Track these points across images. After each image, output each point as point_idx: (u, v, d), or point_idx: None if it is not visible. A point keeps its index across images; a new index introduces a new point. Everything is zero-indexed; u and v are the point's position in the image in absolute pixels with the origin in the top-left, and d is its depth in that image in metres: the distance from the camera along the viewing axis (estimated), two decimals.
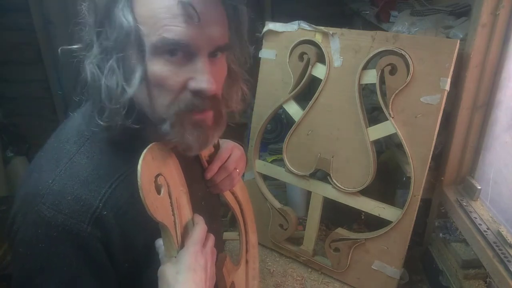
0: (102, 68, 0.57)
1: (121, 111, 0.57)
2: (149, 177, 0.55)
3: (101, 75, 0.57)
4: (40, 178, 0.59)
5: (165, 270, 0.59)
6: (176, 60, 0.56)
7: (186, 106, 0.59)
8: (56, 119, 2.66)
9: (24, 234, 0.58)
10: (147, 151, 0.56)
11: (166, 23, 0.54)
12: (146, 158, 0.55)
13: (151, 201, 0.54)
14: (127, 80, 0.57)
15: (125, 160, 0.61)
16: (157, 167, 0.58)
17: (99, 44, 0.57)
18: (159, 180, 0.58)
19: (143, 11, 0.55)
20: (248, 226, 0.97)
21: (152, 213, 0.54)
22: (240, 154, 0.86)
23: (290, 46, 1.39)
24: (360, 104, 1.29)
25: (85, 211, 0.57)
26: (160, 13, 0.54)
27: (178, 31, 0.54)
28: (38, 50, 2.48)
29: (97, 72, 0.57)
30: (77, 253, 0.58)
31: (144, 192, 0.53)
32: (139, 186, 0.53)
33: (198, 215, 0.69)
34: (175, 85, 0.57)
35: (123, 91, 0.56)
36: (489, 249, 1.05)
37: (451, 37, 1.22)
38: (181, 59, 0.57)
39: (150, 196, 0.55)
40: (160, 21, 0.54)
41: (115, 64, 0.56)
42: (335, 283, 1.44)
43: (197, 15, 0.54)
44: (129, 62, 0.56)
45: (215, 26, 0.58)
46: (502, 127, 1.15)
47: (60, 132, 0.66)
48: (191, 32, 0.55)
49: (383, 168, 1.42)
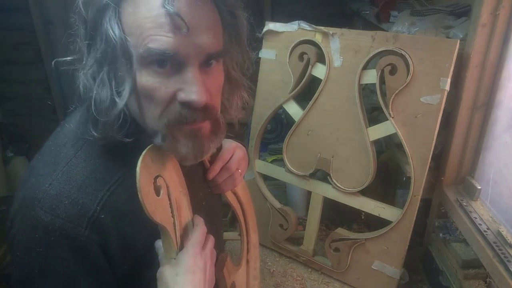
0: (95, 80, 0.57)
1: (114, 123, 0.57)
2: (148, 178, 0.55)
3: (93, 86, 0.56)
4: (37, 182, 0.59)
5: (164, 272, 0.59)
6: (164, 71, 0.55)
7: (176, 118, 0.57)
8: (56, 119, 2.65)
9: (21, 238, 0.58)
10: (146, 152, 0.56)
11: (152, 33, 0.53)
12: (145, 160, 0.55)
13: (150, 202, 0.54)
14: (118, 92, 0.56)
15: (123, 163, 0.61)
16: (156, 168, 0.58)
17: (90, 56, 0.57)
18: (158, 182, 0.58)
19: (130, 21, 0.54)
20: (249, 226, 0.97)
21: (151, 215, 0.54)
22: (243, 154, 0.85)
23: (290, 46, 1.39)
24: (360, 104, 1.29)
25: (82, 215, 0.57)
26: (146, 23, 0.53)
27: (164, 41, 0.52)
28: (38, 50, 2.47)
29: (90, 83, 0.57)
30: (75, 257, 0.57)
31: (143, 193, 0.53)
32: (137, 187, 0.52)
33: (198, 216, 0.69)
34: (164, 96, 0.55)
35: (114, 103, 0.56)
36: (489, 249, 1.05)
37: (451, 37, 1.22)
38: (170, 70, 0.55)
39: (149, 198, 0.54)
40: (146, 31, 0.53)
41: (106, 76, 0.56)
42: (335, 283, 1.44)
43: (185, 25, 0.52)
44: (118, 73, 0.56)
45: (206, 34, 0.55)
46: (502, 127, 1.15)
47: (57, 135, 0.66)
48: (178, 41, 0.53)
49: (383, 168, 1.42)
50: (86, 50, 0.57)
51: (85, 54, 0.57)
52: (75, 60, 0.59)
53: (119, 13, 0.55)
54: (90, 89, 0.57)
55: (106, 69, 0.56)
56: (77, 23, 0.58)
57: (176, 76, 0.55)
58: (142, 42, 0.53)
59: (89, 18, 0.55)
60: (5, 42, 2.46)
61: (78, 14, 0.57)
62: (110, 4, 0.54)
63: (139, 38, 0.53)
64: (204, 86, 0.56)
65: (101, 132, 0.58)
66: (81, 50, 0.58)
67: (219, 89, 0.63)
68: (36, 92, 2.63)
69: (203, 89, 0.56)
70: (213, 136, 0.62)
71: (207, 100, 0.57)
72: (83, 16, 0.56)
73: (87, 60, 0.57)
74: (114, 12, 0.54)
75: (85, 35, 0.57)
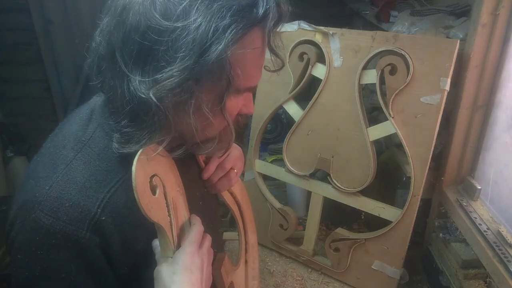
0: (174, 106, 0.55)
1: (165, 142, 0.60)
2: (143, 177, 0.55)
3: (171, 112, 0.55)
4: (37, 185, 0.59)
5: (161, 270, 0.59)
6: (240, 95, 0.63)
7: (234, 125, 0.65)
8: (56, 119, 2.65)
9: (22, 241, 0.57)
10: (141, 152, 0.56)
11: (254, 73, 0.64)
12: (141, 159, 0.55)
13: (145, 202, 0.54)
14: (202, 120, 0.58)
15: (123, 165, 0.61)
16: (152, 167, 0.58)
17: (181, 81, 0.52)
18: (154, 181, 0.58)
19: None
20: (247, 226, 0.97)
21: (147, 214, 0.54)
22: (238, 154, 0.85)
23: (290, 46, 1.39)
24: (360, 104, 1.29)
25: (83, 217, 0.57)
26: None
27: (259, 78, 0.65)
28: (38, 50, 2.47)
29: (164, 108, 0.54)
30: (76, 259, 0.57)
31: (138, 192, 0.53)
32: (133, 186, 0.52)
33: (195, 215, 0.69)
34: (235, 113, 0.65)
35: (195, 132, 0.58)
36: (489, 249, 1.05)
37: (451, 37, 1.22)
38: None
39: (145, 197, 0.54)
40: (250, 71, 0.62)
41: (192, 108, 0.55)
42: (335, 283, 1.44)
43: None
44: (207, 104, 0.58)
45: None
46: (502, 127, 1.15)
47: (56, 137, 0.66)
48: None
49: (383, 168, 1.42)
50: (179, 73, 0.52)
51: (177, 76, 0.52)
52: (153, 80, 0.54)
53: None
54: (164, 113, 0.55)
55: (195, 97, 0.55)
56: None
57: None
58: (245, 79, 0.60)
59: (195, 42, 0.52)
60: (5, 42, 2.46)
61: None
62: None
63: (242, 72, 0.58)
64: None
65: (142, 145, 0.57)
66: (172, 69, 0.53)
67: None
68: (36, 92, 2.63)
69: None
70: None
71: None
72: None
73: (172, 84, 0.53)
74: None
75: (186, 59, 0.52)
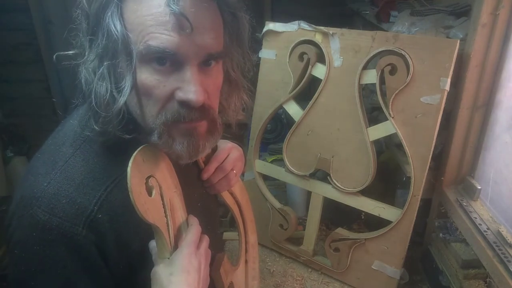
0: (95, 74, 0.57)
1: (114, 119, 0.57)
2: (139, 178, 0.55)
3: (94, 81, 0.57)
4: (35, 181, 0.59)
5: (158, 271, 0.59)
6: (164, 69, 0.55)
7: (173, 116, 0.57)
8: (56, 119, 2.66)
9: (19, 237, 0.58)
10: (137, 153, 0.56)
11: (152, 31, 0.53)
12: (136, 160, 0.55)
13: (141, 203, 0.54)
14: (117, 88, 0.56)
15: (121, 163, 0.60)
16: (148, 168, 0.58)
17: (92, 51, 0.57)
18: (150, 182, 0.58)
19: (132, 18, 0.54)
20: (247, 226, 0.97)
21: (143, 215, 0.54)
22: (238, 155, 0.85)
23: (290, 46, 1.39)
24: (360, 104, 1.29)
25: (80, 214, 0.57)
26: (147, 20, 0.53)
27: (164, 39, 0.53)
28: (38, 50, 2.48)
29: (91, 78, 0.57)
30: (72, 256, 0.58)
31: (134, 194, 0.53)
32: (128, 187, 0.52)
33: (192, 216, 0.69)
34: (163, 94, 0.56)
35: (113, 98, 0.56)
36: (489, 249, 1.05)
37: (451, 37, 1.22)
38: (169, 68, 0.55)
39: (141, 198, 0.54)
40: (147, 29, 0.53)
41: (105, 71, 0.56)
42: (335, 283, 1.43)
43: (190, 25, 0.52)
44: (119, 69, 0.56)
45: (207, 35, 0.55)
46: (502, 127, 1.15)
47: (57, 134, 0.66)
48: (179, 41, 0.53)
49: (383, 168, 1.42)
50: (87, 45, 0.58)
51: (87, 48, 0.58)
52: (77, 55, 0.60)
53: (121, 9, 0.55)
54: (91, 84, 0.57)
55: (107, 64, 0.56)
56: (79, 18, 0.58)
57: (175, 75, 0.56)
58: (143, 39, 0.54)
59: (91, 13, 0.56)
60: (5, 42, 2.47)
61: (81, 9, 0.57)
62: (113, 0, 0.54)
63: (139, 35, 0.54)
64: (202, 86, 0.57)
65: (101, 127, 0.58)
66: (83, 44, 0.58)
67: (217, 90, 0.63)
68: (36, 92, 2.64)
69: (201, 89, 0.56)
70: (209, 136, 0.63)
71: (205, 100, 0.57)
72: (85, 11, 0.56)
73: (88, 55, 0.57)
74: (117, 8, 0.55)
75: (87, 30, 0.57)
